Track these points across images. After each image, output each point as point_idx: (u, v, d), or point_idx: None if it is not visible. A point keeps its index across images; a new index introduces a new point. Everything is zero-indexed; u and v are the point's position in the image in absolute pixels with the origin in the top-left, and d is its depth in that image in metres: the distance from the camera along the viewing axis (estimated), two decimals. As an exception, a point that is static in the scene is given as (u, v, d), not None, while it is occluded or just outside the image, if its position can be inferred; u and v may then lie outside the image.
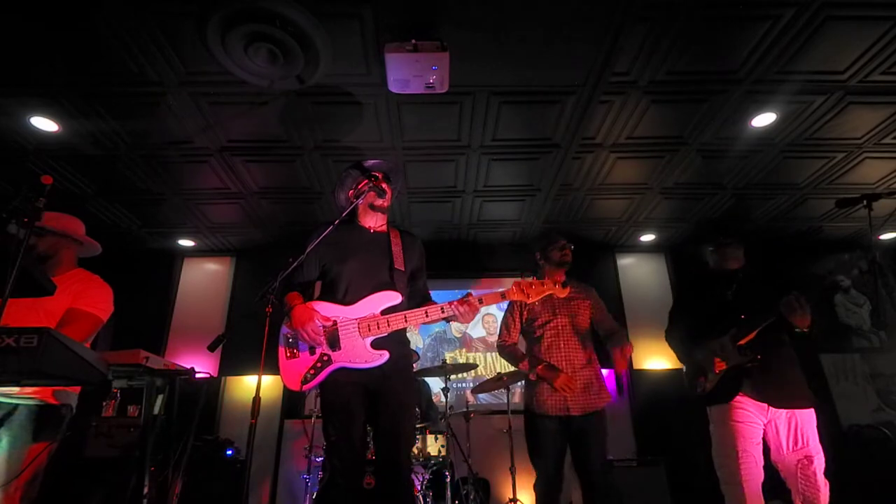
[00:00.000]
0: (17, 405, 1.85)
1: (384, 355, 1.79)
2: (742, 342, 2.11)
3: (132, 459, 2.31)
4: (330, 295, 1.92)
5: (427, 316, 1.81)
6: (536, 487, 2.44)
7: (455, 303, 1.81)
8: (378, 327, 1.80)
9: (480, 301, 1.84)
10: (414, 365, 2.34)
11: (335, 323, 1.83)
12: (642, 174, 4.10)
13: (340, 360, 1.80)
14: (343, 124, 3.38)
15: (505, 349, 2.72)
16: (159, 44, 2.63)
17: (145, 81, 2.89)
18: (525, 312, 2.69)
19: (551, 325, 2.56)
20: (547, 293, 1.95)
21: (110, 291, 2.15)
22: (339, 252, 1.96)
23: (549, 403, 2.44)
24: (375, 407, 1.82)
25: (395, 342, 1.86)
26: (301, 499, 4.14)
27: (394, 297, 1.85)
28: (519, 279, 1.94)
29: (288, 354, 1.88)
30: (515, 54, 2.76)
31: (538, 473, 2.43)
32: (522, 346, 2.74)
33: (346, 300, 1.87)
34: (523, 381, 2.80)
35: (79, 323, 1.96)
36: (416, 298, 2.06)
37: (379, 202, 2.03)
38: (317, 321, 1.79)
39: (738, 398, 2.10)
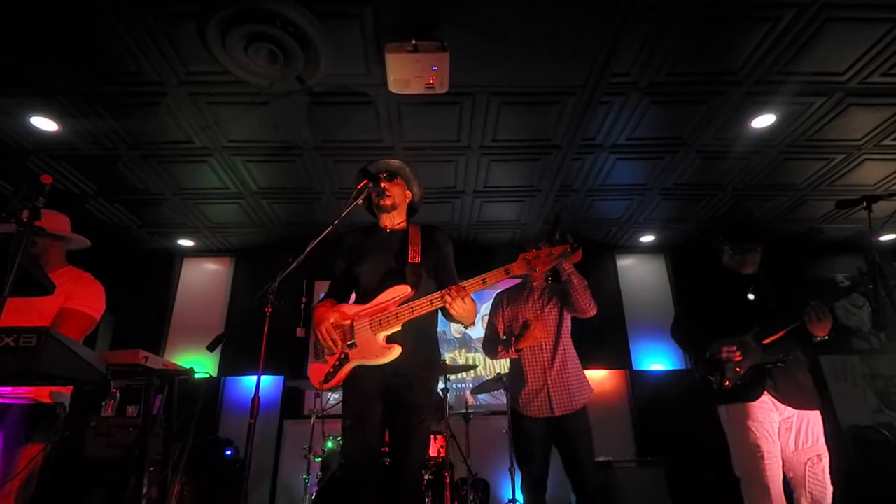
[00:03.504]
0: (9, 405, 1.83)
1: (396, 349, 1.78)
2: (767, 341, 2.09)
3: (131, 459, 2.31)
4: (355, 297, 2.00)
5: (431, 304, 1.78)
6: (523, 489, 2.47)
7: (445, 290, 1.77)
8: (388, 321, 1.80)
9: (484, 281, 1.79)
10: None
11: (352, 322, 1.85)
12: (642, 175, 4.10)
13: (357, 356, 1.82)
14: (343, 124, 3.38)
15: (487, 343, 2.70)
16: (159, 43, 2.63)
17: (145, 81, 2.89)
18: (506, 311, 2.70)
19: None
20: (554, 264, 1.83)
21: (102, 289, 2.13)
22: (358, 254, 2.01)
23: (533, 405, 2.45)
24: (391, 406, 1.82)
25: (413, 340, 1.83)
26: (300, 499, 4.13)
27: (403, 290, 1.83)
28: (524, 253, 1.86)
29: (314, 356, 1.93)
30: (516, 55, 2.76)
31: (524, 475, 2.46)
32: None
33: (363, 299, 1.91)
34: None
35: (72, 323, 1.94)
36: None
37: (380, 202, 2.03)
38: (330, 321, 1.83)
39: (761, 397, 2.08)
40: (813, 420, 2.06)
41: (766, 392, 2.08)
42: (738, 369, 2.13)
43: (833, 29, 2.61)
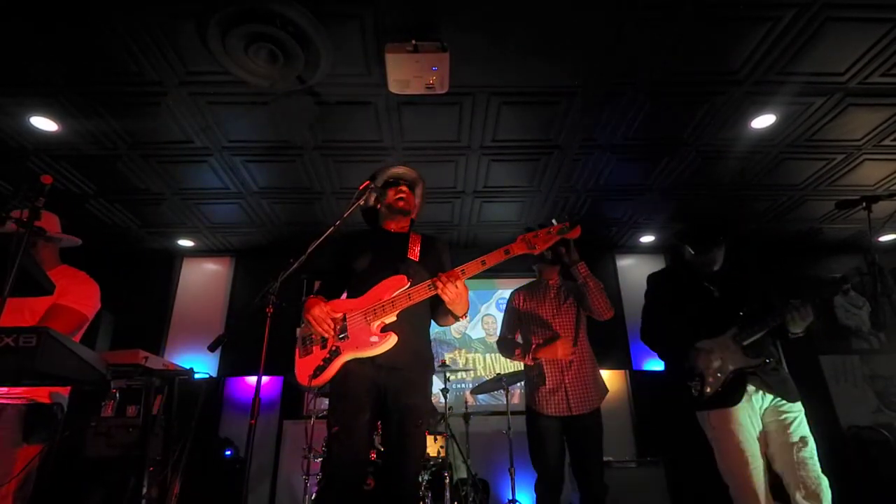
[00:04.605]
0: (5, 406, 1.82)
1: (391, 337, 1.75)
2: (747, 342, 2.07)
3: (131, 459, 2.31)
4: (350, 293, 1.97)
5: (429, 289, 1.75)
6: (537, 488, 2.45)
7: (436, 277, 1.75)
8: (384, 310, 1.77)
9: (483, 263, 1.77)
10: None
11: (344, 314, 1.83)
12: (642, 175, 4.10)
13: (349, 349, 1.77)
14: (343, 125, 3.38)
15: (503, 342, 2.74)
16: (159, 43, 2.63)
17: (145, 81, 2.89)
18: (522, 307, 2.72)
19: (551, 322, 2.59)
20: (554, 241, 1.80)
21: (96, 287, 2.12)
22: (357, 252, 2.00)
23: (550, 403, 2.46)
24: (384, 407, 1.78)
25: (407, 331, 1.80)
26: (300, 499, 4.13)
27: (399, 281, 1.81)
28: (523, 234, 1.82)
29: (302, 352, 1.88)
30: (515, 55, 2.76)
31: (539, 474, 2.44)
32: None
33: (358, 294, 1.88)
34: (523, 381, 2.81)
35: (60, 318, 1.93)
36: None
37: (399, 204, 2.04)
38: (324, 308, 1.79)
39: (742, 400, 2.05)
40: (797, 411, 2.02)
41: (747, 392, 2.06)
42: (718, 374, 2.09)
43: (833, 29, 2.61)
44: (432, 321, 2.01)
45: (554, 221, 1.82)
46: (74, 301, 2.00)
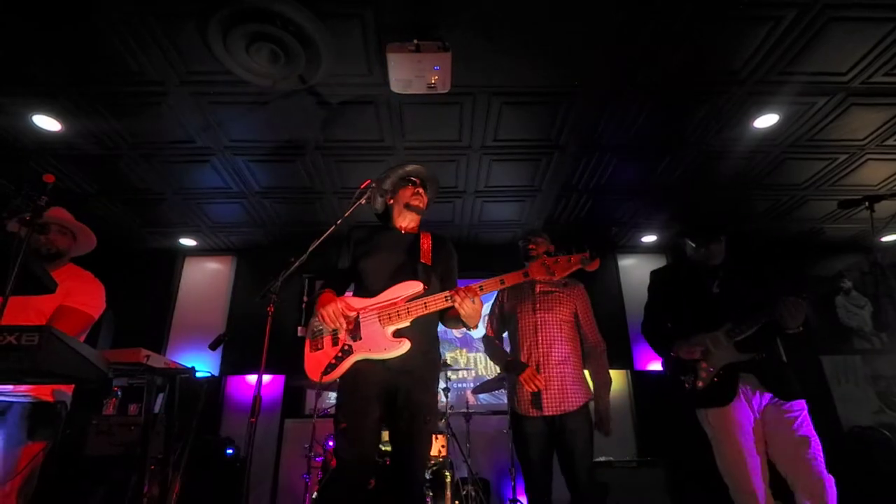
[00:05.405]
0: (11, 403, 1.84)
1: (405, 343, 1.76)
2: (739, 338, 2.07)
3: (133, 458, 2.31)
4: (358, 290, 1.97)
5: (446, 301, 1.77)
6: (526, 491, 2.42)
7: (453, 291, 1.77)
8: (399, 315, 1.78)
9: (502, 282, 1.81)
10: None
11: (358, 314, 1.83)
12: (644, 174, 4.09)
13: (361, 349, 1.78)
14: (344, 124, 3.38)
15: (488, 343, 2.73)
16: (160, 43, 2.64)
17: (146, 81, 2.90)
18: (506, 305, 2.69)
19: (530, 319, 2.55)
20: (573, 269, 1.82)
21: (102, 288, 2.14)
22: (366, 249, 2.00)
23: (530, 404, 2.41)
24: (393, 406, 1.78)
25: (419, 336, 1.81)
26: (301, 498, 4.14)
27: (415, 287, 1.82)
28: (544, 257, 1.86)
29: (312, 346, 1.88)
30: (516, 55, 2.76)
31: (525, 476, 2.41)
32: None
33: (370, 292, 1.88)
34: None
35: (68, 320, 1.95)
36: None
37: (415, 202, 2.06)
38: (338, 305, 1.79)
39: (737, 397, 2.05)
40: (798, 409, 2.00)
41: (741, 389, 2.05)
42: (710, 369, 2.09)
43: (835, 29, 2.60)
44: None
45: (573, 249, 1.84)
46: (81, 303, 2.02)
